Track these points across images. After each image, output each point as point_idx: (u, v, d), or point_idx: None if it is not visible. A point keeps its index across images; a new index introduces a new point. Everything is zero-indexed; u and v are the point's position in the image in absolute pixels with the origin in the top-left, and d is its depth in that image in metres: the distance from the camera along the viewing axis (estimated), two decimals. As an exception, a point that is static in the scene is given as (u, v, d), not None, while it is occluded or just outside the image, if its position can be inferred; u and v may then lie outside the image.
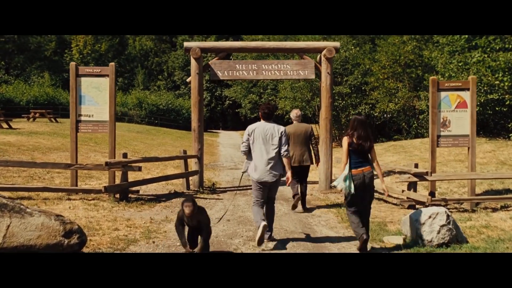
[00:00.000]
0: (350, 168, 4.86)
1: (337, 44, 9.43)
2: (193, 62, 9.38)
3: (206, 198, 8.35)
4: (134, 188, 7.99)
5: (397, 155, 14.21)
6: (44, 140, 14.71)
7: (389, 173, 10.34)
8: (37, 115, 23.90)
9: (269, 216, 5.33)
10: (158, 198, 8.11)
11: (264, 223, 4.92)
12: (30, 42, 43.58)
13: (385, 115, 24.78)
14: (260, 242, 4.92)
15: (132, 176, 8.90)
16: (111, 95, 7.68)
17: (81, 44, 44.51)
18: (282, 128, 5.24)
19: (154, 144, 20.77)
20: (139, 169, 7.48)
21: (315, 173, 10.12)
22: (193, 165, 9.58)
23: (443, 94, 7.49)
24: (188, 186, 9.33)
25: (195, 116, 9.46)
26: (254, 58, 25.80)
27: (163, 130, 31.54)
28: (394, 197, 8.11)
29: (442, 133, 7.50)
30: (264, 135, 5.13)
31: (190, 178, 9.50)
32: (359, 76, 24.06)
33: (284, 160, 5.16)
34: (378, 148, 17.84)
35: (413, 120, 22.65)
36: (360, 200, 4.93)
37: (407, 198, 7.46)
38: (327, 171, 9.43)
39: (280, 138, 5.14)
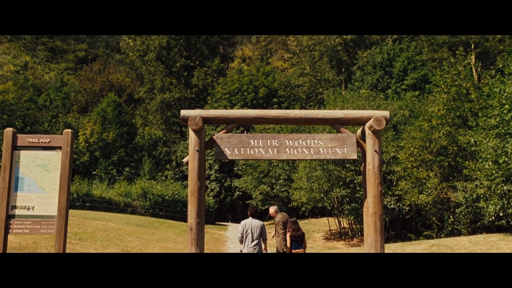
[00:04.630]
0: (291, 249, 8.04)
1: (386, 113, 7.01)
2: (192, 136, 6.92)
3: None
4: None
5: (451, 260, 11.18)
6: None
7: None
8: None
9: None
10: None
11: None
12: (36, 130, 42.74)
13: (408, 208, 21.90)
14: None
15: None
16: (63, 178, 4.99)
17: (88, 133, 43.43)
18: (262, 222, 8.12)
19: (153, 239, 18.04)
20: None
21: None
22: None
23: None
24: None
25: (192, 208, 6.75)
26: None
27: (167, 222, 28.91)
28: None
29: None
30: (251, 227, 7.96)
31: (183, 298, 6.62)
32: (383, 165, 21.72)
33: (263, 242, 8.09)
34: (417, 248, 14.81)
35: (447, 214, 19.73)
36: None
37: None
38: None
39: (262, 228, 8.04)
